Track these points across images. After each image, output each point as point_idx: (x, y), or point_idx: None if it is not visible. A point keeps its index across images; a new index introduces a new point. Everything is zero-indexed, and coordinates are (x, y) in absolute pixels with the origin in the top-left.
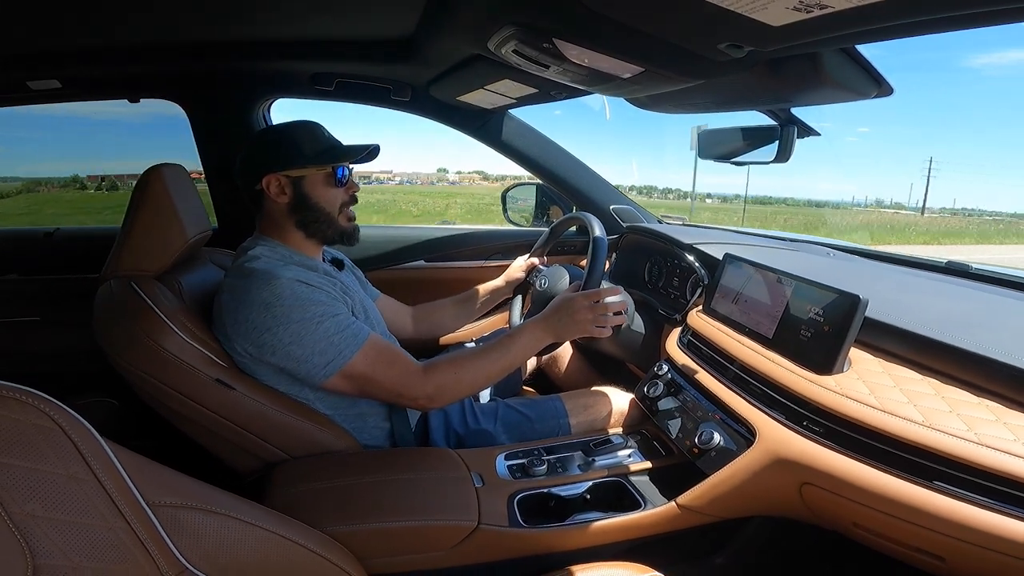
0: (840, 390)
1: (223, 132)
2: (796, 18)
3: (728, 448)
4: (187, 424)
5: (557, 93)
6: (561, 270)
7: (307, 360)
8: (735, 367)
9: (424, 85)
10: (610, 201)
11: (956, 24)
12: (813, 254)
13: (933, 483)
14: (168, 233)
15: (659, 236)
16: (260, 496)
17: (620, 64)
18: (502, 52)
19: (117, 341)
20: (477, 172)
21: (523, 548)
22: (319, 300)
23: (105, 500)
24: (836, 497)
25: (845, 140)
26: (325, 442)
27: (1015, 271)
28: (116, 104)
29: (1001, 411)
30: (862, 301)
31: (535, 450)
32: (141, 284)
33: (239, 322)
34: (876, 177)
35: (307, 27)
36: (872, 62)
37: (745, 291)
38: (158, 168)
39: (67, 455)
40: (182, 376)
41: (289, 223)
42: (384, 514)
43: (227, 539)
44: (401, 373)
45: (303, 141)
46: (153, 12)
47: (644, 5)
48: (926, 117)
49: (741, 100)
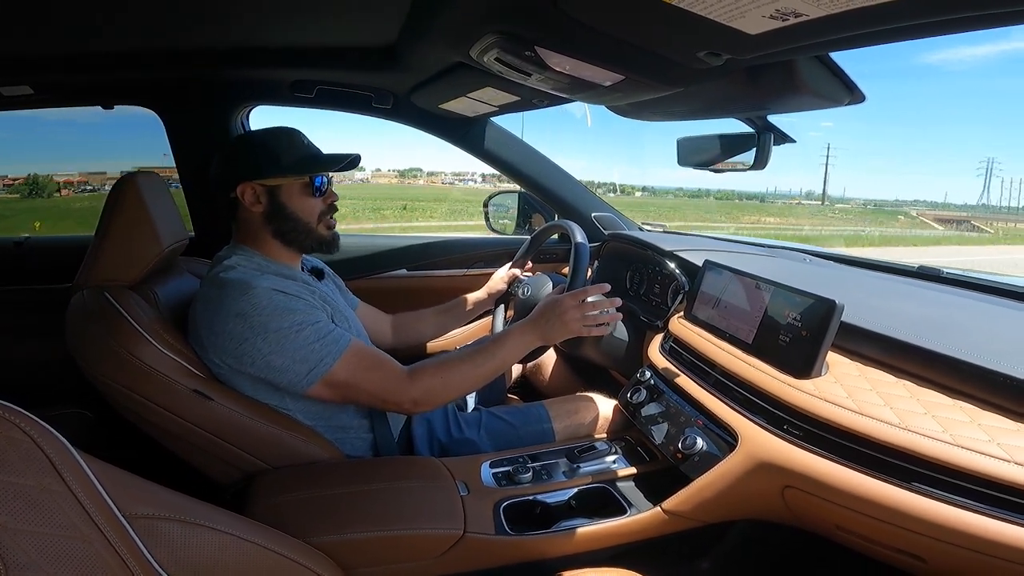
0: (819, 394)
1: (200, 139)
2: (772, 26)
3: (711, 453)
4: (164, 435)
5: (539, 101)
6: (544, 278)
7: (288, 369)
8: (716, 372)
9: (406, 93)
10: (591, 208)
11: (924, 31)
12: (790, 260)
13: (911, 484)
14: (143, 242)
15: (640, 243)
16: (241, 507)
17: (601, 72)
18: (484, 60)
19: (90, 352)
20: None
21: (510, 556)
22: (297, 308)
23: (80, 513)
24: (817, 500)
25: (808, 135)
26: (308, 453)
27: (985, 275)
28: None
29: (975, 412)
30: (838, 306)
31: (520, 457)
32: (115, 294)
33: (215, 333)
34: (839, 171)
35: (287, 34)
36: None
37: (725, 297)
38: (132, 176)
39: (40, 468)
40: (158, 387)
41: (265, 232)
42: (369, 524)
43: (208, 551)
44: (385, 378)
45: (280, 149)
46: (129, 17)
47: (625, 14)
48: (881, 113)
49: (719, 108)
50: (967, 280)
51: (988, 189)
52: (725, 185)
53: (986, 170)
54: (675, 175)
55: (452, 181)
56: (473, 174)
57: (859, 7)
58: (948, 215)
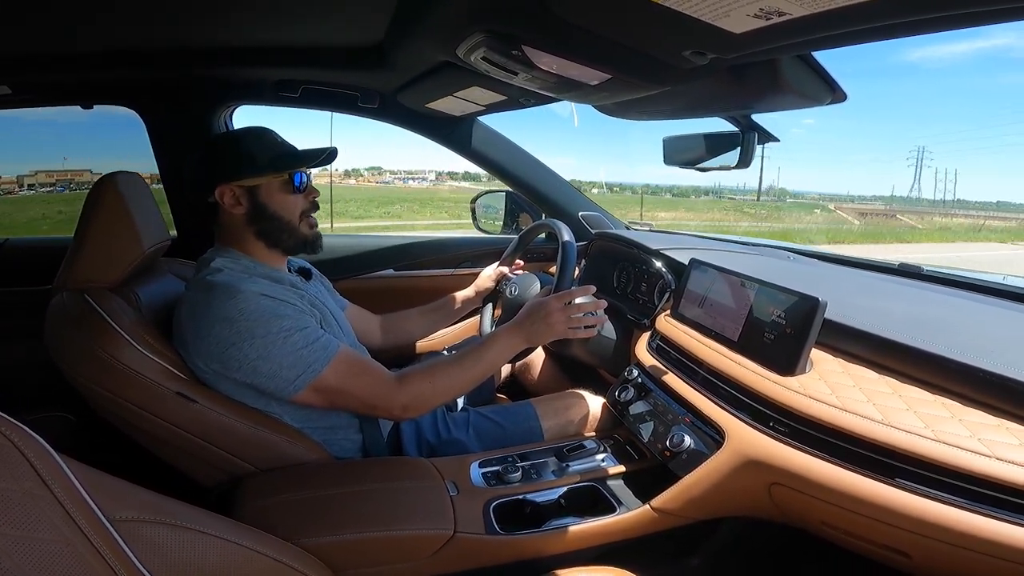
0: (803, 390)
1: (182, 140)
2: (756, 25)
3: (699, 450)
4: (148, 438)
5: (526, 100)
6: (531, 277)
7: (275, 375)
8: (703, 370)
9: (392, 92)
10: (579, 208)
11: (905, 30)
12: (774, 258)
13: (895, 480)
14: (124, 243)
15: (627, 242)
16: (228, 509)
17: (588, 71)
18: (471, 59)
19: (71, 355)
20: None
21: (500, 555)
22: (285, 314)
23: (63, 517)
24: (804, 496)
25: (791, 132)
26: (295, 455)
27: (963, 272)
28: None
29: (956, 408)
30: (821, 303)
31: (509, 457)
32: (95, 297)
33: (201, 338)
34: (817, 168)
35: (272, 33)
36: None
37: (711, 295)
38: (112, 176)
39: (21, 472)
40: (141, 390)
41: (248, 233)
42: (358, 525)
43: (195, 554)
44: (374, 384)
45: (255, 148)
46: (109, 16)
47: (612, 13)
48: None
49: (704, 107)
50: (946, 277)
51: (919, 180)
52: (685, 181)
53: (916, 160)
54: (646, 172)
55: (390, 180)
56: (427, 172)
57: (841, 6)
58: (868, 208)
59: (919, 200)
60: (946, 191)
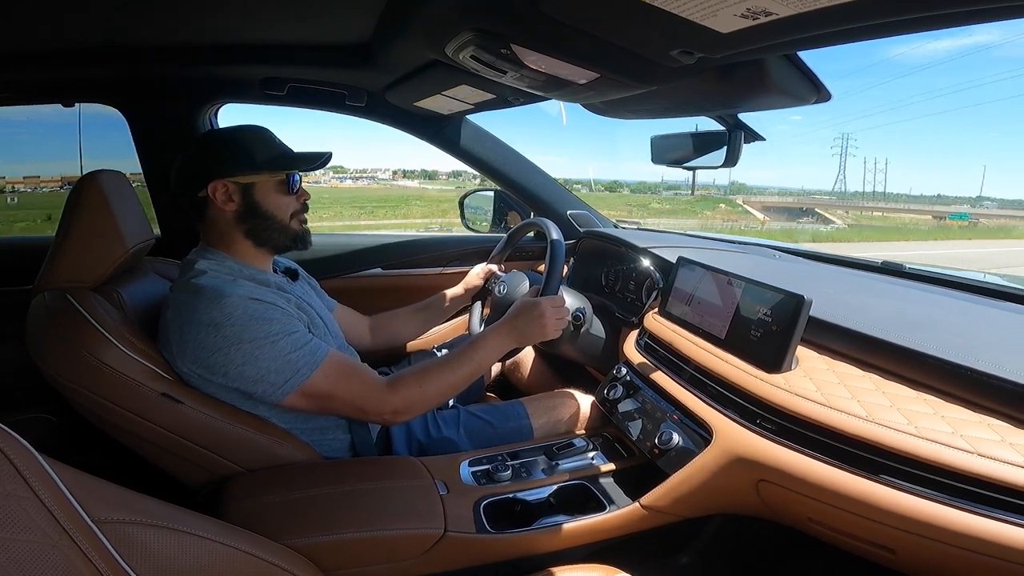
0: (789, 388)
1: (166, 138)
2: (743, 25)
3: (687, 448)
4: (133, 439)
5: (515, 99)
6: (520, 276)
7: (262, 380)
8: (690, 368)
9: (380, 90)
10: (567, 206)
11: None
12: (760, 256)
13: (878, 476)
14: (106, 242)
15: (615, 240)
16: (215, 510)
17: (576, 70)
18: (460, 58)
19: (53, 356)
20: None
21: (491, 554)
22: (273, 318)
23: (47, 518)
24: (790, 493)
25: (777, 128)
26: (284, 455)
27: (945, 270)
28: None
29: (939, 405)
30: (806, 301)
31: (499, 456)
32: (78, 296)
33: (186, 342)
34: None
35: (259, 31)
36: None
37: (698, 293)
38: (95, 175)
39: (5, 474)
40: (125, 391)
41: (237, 232)
42: (348, 525)
43: (182, 555)
44: (363, 389)
45: (253, 146)
46: (90, 13)
47: (600, 12)
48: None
49: (692, 106)
50: (927, 275)
51: (844, 171)
52: (651, 177)
53: (841, 149)
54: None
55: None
56: (383, 170)
57: (827, 6)
58: (774, 202)
59: (844, 193)
60: (875, 183)
